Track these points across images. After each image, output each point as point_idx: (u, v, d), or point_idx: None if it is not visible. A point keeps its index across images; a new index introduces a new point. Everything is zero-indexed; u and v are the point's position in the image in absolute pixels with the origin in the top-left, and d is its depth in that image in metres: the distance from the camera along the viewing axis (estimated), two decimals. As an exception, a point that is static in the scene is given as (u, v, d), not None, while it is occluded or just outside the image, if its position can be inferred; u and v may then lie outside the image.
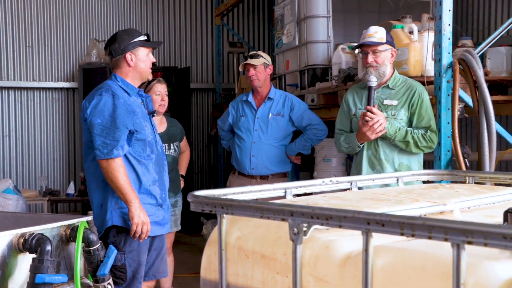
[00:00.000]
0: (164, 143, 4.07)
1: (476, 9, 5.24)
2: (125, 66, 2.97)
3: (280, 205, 1.26)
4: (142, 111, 3.00)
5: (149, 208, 2.95)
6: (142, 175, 2.94)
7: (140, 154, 2.94)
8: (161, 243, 3.14)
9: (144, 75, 3.01)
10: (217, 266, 1.43)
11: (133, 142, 2.92)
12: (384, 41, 3.28)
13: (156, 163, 3.01)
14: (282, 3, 5.23)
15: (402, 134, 3.23)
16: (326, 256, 1.26)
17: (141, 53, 2.96)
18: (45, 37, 7.48)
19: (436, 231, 1.03)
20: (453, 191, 1.80)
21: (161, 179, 3.05)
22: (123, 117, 2.86)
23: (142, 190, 2.94)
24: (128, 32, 3.02)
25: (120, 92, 2.92)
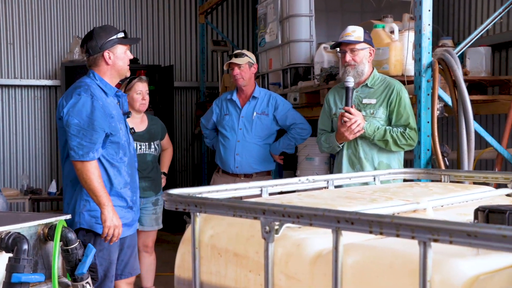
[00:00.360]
0: (145, 141, 4.06)
1: (457, 9, 5.28)
2: (103, 65, 2.94)
3: (252, 204, 1.27)
4: (118, 112, 2.98)
5: (119, 211, 2.95)
6: (114, 178, 2.94)
7: (113, 157, 2.94)
8: (133, 241, 3.17)
9: (122, 73, 2.99)
10: (190, 265, 1.43)
11: (107, 144, 2.91)
12: (362, 40, 3.31)
13: (128, 165, 3.01)
14: (265, 2, 5.23)
15: (381, 133, 3.25)
16: (297, 254, 1.27)
17: (119, 50, 2.94)
18: (27, 34, 7.41)
19: (403, 229, 1.04)
20: (427, 190, 1.82)
21: (133, 182, 3.06)
22: (101, 119, 2.84)
23: (113, 193, 2.94)
24: (105, 29, 2.98)
25: (98, 92, 2.90)
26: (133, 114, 4.06)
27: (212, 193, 1.61)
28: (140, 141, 4.05)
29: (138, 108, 4.04)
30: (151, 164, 4.11)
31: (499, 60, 4.75)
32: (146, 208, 4.12)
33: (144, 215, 4.12)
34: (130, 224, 3.08)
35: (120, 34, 2.96)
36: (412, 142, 3.29)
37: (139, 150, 4.05)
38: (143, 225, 4.14)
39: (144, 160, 4.07)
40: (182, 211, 1.42)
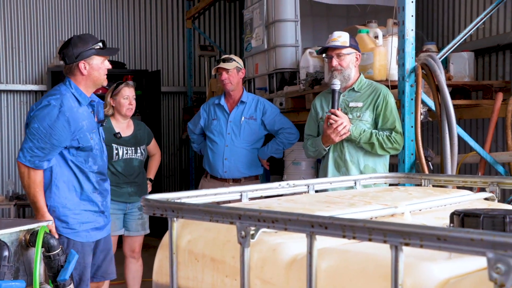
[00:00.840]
0: (131, 146, 4.06)
1: (441, 15, 5.32)
2: (79, 74, 2.96)
3: (228, 209, 1.27)
4: (90, 122, 3.01)
5: (90, 215, 3.04)
6: (84, 183, 3.02)
7: (83, 164, 3.01)
8: (107, 245, 3.21)
9: (98, 83, 3.02)
10: (168, 270, 1.43)
11: (77, 153, 2.98)
12: (348, 45, 3.33)
13: (98, 172, 3.09)
14: (251, 7, 5.25)
15: (367, 136, 3.27)
16: (273, 259, 1.27)
17: (95, 61, 2.96)
18: (12, 39, 7.37)
19: (375, 233, 1.05)
20: (407, 194, 1.83)
21: (103, 188, 3.13)
22: (61, 132, 2.89)
23: (84, 197, 3.02)
24: (83, 39, 2.99)
25: (72, 101, 2.93)
26: (120, 119, 4.06)
27: (191, 198, 1.61)
28: (127, 145, 4.04)
29: (124, 113, 4.03)
30: (137, 169, 4.10)
31: (482, 65, 4.79)
32: (132, 213, 4.11)
33: (130, 221, 4.10)
34: (102, 228, 3.14)
35: (98, 44, 2.97)
36: (398, 146, 3.31)
37: (126, 154, 4.03)
38: (129, 231, 4.12)
39: (131, 164, 4.06)
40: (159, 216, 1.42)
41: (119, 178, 4.01)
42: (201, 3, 7.13)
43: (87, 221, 3.03)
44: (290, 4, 4.80)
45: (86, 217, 3.03)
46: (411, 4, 3.44)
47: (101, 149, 3.10)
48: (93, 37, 3.03)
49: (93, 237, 3.07)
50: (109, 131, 3.98)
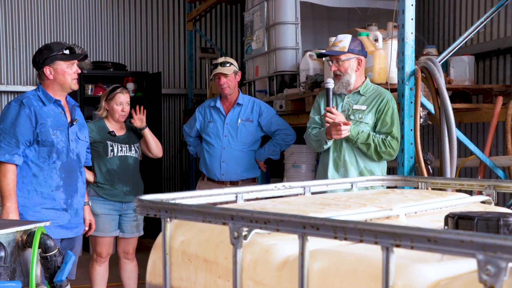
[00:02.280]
0: (125, 144, 4.09)
1: (442, 18, 5.32)
2: (46, 79, 3.21)
3: (221, 209, 1.27)
4: (56, 119, 3.22)
5: (52, 213, 3.20)
6: (44, 181, 3.18)
7: (45, 160, 3.18)
8: (70, 245, 3.32)
9: (66, 86, 3.24)
10: (161, 271, 1.42)
11: (39, 148, 3.17)
12: (346, 50, 3.32)
13: (62, 169, 3.23)
14: (251, 10, 5.25)
15: (364, 136, 3.28)
16: (265, 260, 1.27)
17: (60, 66, 3.20)
18: (13, 40, 7.38)
19: (366, 234, 1.05)
20: (403, 197, 1.82)
21: (68, 185, 3.26)
22: (23, 127, 3.12)
23: (45, 195, 3.19)
24: (49, 46, 3.25)
25: (35, 101, 3.18)
26: (112, 122, 4.09)
27: (186, 199, 1.61)
28: (121, 143, 4.07)
29: (117, 118, 4.07)
30: (132, 167, 4.10)
31: (483, 69, 4.79)
32: (127, 214, 4.10)
33: (125, 222, 4.11)
34: (68, 226, 3.28)
35: (63, 50, 3.21)
36: (392, 150, 3.30)
37: (120, 152, 4.05)
38: (123, 232, 4.13)
39: (126, 162, 4.06)
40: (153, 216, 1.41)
41: (114, 176, 4.01)
42: (202, 6, 7.14)
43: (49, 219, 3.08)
44: (291, 6, 4.81)
45: (47, 215, 3.17)
46: (411, 7, 3.44)
47: (68, 147, 3.26)
48: (60, 44, 3.29)
49: (58, 235, 3.16)
50: (103, 130, 4.03)
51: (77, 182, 3.32)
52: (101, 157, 3.97)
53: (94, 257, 4.13)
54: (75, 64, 3.24)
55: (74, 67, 3.23)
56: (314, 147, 3.51)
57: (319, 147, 3.46)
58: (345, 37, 3.41)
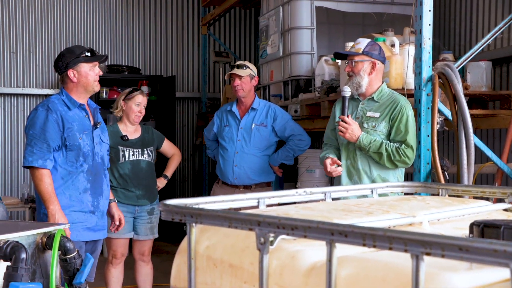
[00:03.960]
0: (138, 148, 4.13)
1: (458, 24, 5.30)
2: (69, 82, 3.24)
3: (247, 215, 1.28)
4: (81, 123, 3.27)
5: (80, 215, 3.24)
6: (72, 184, 3.22)
7: (72, 164, 3.22)
8: (93, 247, 3.36)
9: (89, 89, 3.28)
10: (186, 275, 1.43)
11: (67, 153, 3.20)
12: (361, 52, 3.31)
13: (89, 172, 3.27)
14: (267, 14, 5.27)
15: (377, 145, 3.25)
16: (291, 266, 1.27)
17: (83, 68, 3.23)
18: (29, 43, 7.45)
19: (396, 242, 1.05)
20: (424, 203, 1.82)
21: (95, 188, 3.30)
22: (52, 132, 3.16)
23: (73, 198, 3.22)
24: (70, 50, 3.28)
25: (60, 106, 3.21)
26: (127, 124, 4.13)
27: (209, 204, 1.62)
28: (133, 147, 4.10)
29: (132, 119, 4.09)
30: (145, 171, 4.13)
31: (500, 74, 4.76)
32: (141, 217, 4.13)
33: (139, 224, 4.13)
34: (95, 228, 3.31)
35: (85, 52, 3.24)
36: (407, 159, 3.24)
37: (132, 156, 4.08)
38: (138, 234, 4.16)
39: (138, 166, 4.09)
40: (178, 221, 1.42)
41: (126, 180, 4.04)
42: (216, 10, 7.17)
43: (77, 221, 3.18)
44: (306, 11, 4.81)
45: (75, 217, 3.19)
46: (428, 13, 3.43)
47: (93, 150, 3.29)
48: (80, 47, 3.31)
49: (84, 237, 3.22)
50: (116, 134, 4.06)
51: (102, 184, 3.36)
52: (113, 162, 4.00)
53: (109, 259, 4.17)
54: (97, 65, 3.28)
55: (96, 69, 3.27)
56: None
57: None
58: (363, 40, 3.40)
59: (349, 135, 3.25)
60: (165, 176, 4.38)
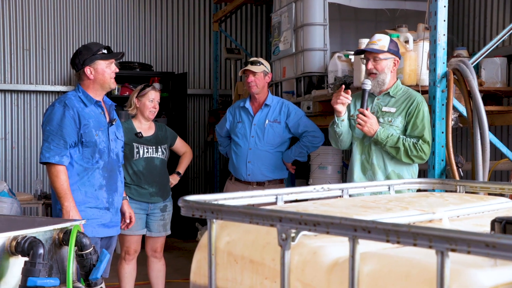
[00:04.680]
0: (152, 145, 4.13)
1: (472, 20, 5.27)
2: (86, 79, 3.26)
3: (268, 211, 1.28)
4: (97, 120, 3.28)
5: (96, 211, 3.26)
6: (88, 181, 3.23)
7: (88, 161, 3.24)
8: (108, 243, 3.38)
9: (105, 86, 3.30)
10: (206, 271, 1.44)
11: (83, 149, 3.22)
12: (386, 50, 3.31)
13: (104, 169, 3.29)
14: (279, 11, 5.26)
15: (394, 140, 3.25)
16: (313, 262, 1.27)
17: (100, 66, 3.24)
18: (42, 40, 7.49)
19: (420, 238, 1.05)
20: (443, 200, 1.81)
21: (110, 184, 3.32)
22: (69, 128, 3.17)
23: (89, 194, 3.24)
24: (87, 47, 3.29)
25: (76, 103, 3.23)
26: (142, 121, 4.14)
27: (228, 200, 1.62)
28: (147, 144, 4.10)
29: (147, 115, 4.10)
30: (159, 168, 4.14)
31: (515, 71, 4.72)
32: (154, 214, 4.15)
33: (152, 221, 4.15)
34: (109, 225, 3.34)
35: (102, 50, 3.25)
36: (423, 154, 3.26)
37: (146, 153, 4.09)
38: (151, 231, 4.18)
39: (152, 163, 4.10)
40: (198, 217, 1.43)
41: (140, 177, 4.05)
42: (228, 6, 7.16)
43: (92, 218, 3.21)
44: (319, 8, 4.80)
45: (91, 213, 3.21)
46: (443, 9, 3.42)
47: (109, 146, 3.31)
48: (97, 44, 3.31)
49: (99, 233, 3.25)
50: (131, 131, 4.06)
51: (117, 181, 3.38)
52: (127, 159, 4.01)
53: (122, 255, 4.19)
54: (113, 63, 3.29)
55: (112, 66, 3.28)
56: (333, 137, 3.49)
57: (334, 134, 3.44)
58: (383, 37, 3.39)
59: (367, 129, 3.24)
60: (178, 173, 4.39)
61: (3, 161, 7.39)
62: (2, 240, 2.23)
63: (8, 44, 7.37)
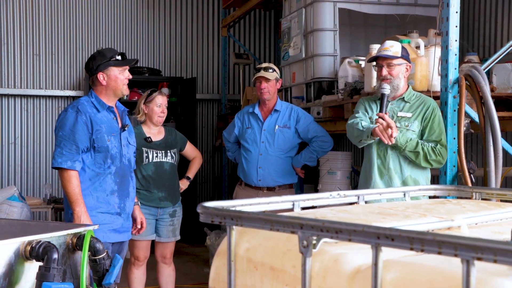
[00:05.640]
0: (161, 150, 4.14)
1: (483, 25, 5.26)
2: (99, 85, 3.28)
3: (290, 218, 1.28)
4: (110, 125, 3.29)
5: (107, 217, 3.26)
6: (100, 186, 3.24)
7: (100, 166, 3.24)
8: (119, 249, 3.39)
9: (118, 92, 3.31)
10: (225, 277, 1.43)
11: (95, 155, 3.23)
12: (399, 55, 3.31)
13: (116, 174, 3.29)
14: (289, 16, 5.27)
15: (413, 144, 3.25)
16: (335, 269, 1.27)
17: (112, 72, 3.25)
18: (52, 45, 7.53)
19: (446, 246, 1.04)
20: (460, 207, 1.81)
21: (121, 190, 3.32)
22: (81, 134, 3.18)
23: (100, 200, 3.25)
24: (102, 53, 3.30)
25: (89, 108, 3.24)
26: (151, 126, 4.13)
27: (245, 207, 1.62)
28: (157, 149, 4.11)
29: (156, 120, 4.10)
30: (168, 173, 4.14)
31: (526, 76, 4.70)
32: (163, 219, 4.14)
33: (161, 226, 4.15)
34: (120, 230, 3.34)
35: (115, 56, 3.26)
36: (441, 159, 3.28)
37: (156, 158, 4.09)
38: (160, 236, 4.17)
39: (162, 168, 4.10)
40: (217, 223, 1.43)
41: (149, 182, 4.05)
42: (237, 12, 7.18)
43: (104, 223, 3.20)
44: (329, 13, 4.81)
45: (102, 219, 3.21)
46: (455, 14, 3.41)
47: (121, 152, 3.31)
48: (112, 50, 3.31)
49: (110, 238, 3.24)
50: (140, 136, 4.06)
51: (129, 186, 3.38)
52: (137, 163, 4.01)
53: (132, 260, 4.19)
54: (126, 69, 3.30)
55: (125, 72, 3.29)
56: (355, 136, 3.37)
57: (357, 138, 3.34)
58: (395, 43, 3.39)
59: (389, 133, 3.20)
60: (188, 178, 4.39)
61: (13, 166, 7.42)
62: (17, 245, 2.24)
63: (18, 49, 7.41)
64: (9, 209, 5.50)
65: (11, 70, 7.39)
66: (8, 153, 7.42)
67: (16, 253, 2.22)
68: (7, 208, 5.53)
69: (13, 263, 2.20)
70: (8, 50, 7.37)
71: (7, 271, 2.17)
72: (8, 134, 7.43)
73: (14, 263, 2.20)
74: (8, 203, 5.61)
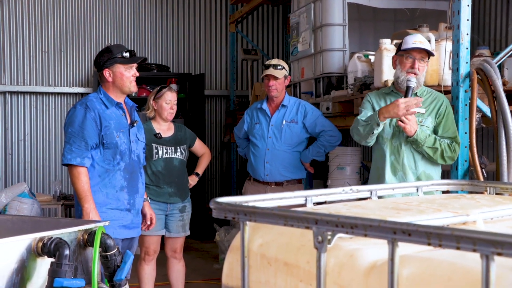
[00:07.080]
0: (171, 146, 4.14)
1: (494, 19, 5.21)
2: (106, 81, 3.29)
3: (304, 213, 1.26)
4: (118, 122, 3.29)
5: (117, 213, 3.27)
6: (109, 182, 3.24)
7: (110, 162, 3.25)
8: (129, 245, 3.39)
9: (124, 89, 3.30)
10: (239, 273, 1.43)
11: (104, 151, 3.23)
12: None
13: (125, 170, 3.30)
14: (297, 11, 5.24)
15: (431, 140, 3.22)
16: (350, 265, 1.26)
17: (118, 69, 3.24)
18: (61, 42, 7.55)
19: (464, 241, 1.02)
20: (475, 202, 1.79)
21: (131, 186, 3.33)
22: (90, 130, 3.18)
23: (110, 196, 3.26)
24: (109, 49, 3.29)
25: (98, 105, 3.24)
26: (161, 122, 4.14)
27: (258, 202, 1.61)
28: (166, 145, 4.11)
29: (165, 117, 4.10)
30: (178, 169, 4.14)
31: (538, 70, 4.65)
32: (173, 214, 4.15)
33: (171, 222, 4.16)
34: (130, 226, 3.34)
35: (123, 53, 3.24)
36: (455, 155, 3.27)
37: (165, 154, 4.10)
38: (170, 232, 4.18)
39: (171, 164, 4.11)
40: (231, 219, 1.42)
41: (159, 178, 4.06)
42: (245, 7, 7.16)
43: (113, 219, 3.18)
44: (338, 8, 4.78)
45: (112, 215, 3.21)
46: (466, 8, 3.38)
47: (130, 148, 3.32)
48: (120, 47, 3.30)
49: (120, 235, 3.24)
50: (150, 132, 4.06)
51: (138, 182, 3.38)
52: (147, 159, 4.01)
53: (142, 256, 4.20)
54: (133, 67, 3.29)
55: (132, 70, 3.28)
56: (361, 134, 3.28)
57: (366, 134, 3.25)
58: (424, 39, 3.30)
59: (409, 127, 3.15)
60: (197, 174, 4.40)
61: (23, 163, 7.46)
62: (29, 241, 2.25)
63: (27, 46, 7.43)
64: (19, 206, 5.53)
65: (20, 67, 7.41)
66: (18, 150, 7.45)
67: (28, 249, 2.23)
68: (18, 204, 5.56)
69: (25, 259, 2.20)
70: (17, 47, 7.39)
71: (19, 267, 2.18)
72: (17, 131, 7.46)
73: (26, 259, 2.21)
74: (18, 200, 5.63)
